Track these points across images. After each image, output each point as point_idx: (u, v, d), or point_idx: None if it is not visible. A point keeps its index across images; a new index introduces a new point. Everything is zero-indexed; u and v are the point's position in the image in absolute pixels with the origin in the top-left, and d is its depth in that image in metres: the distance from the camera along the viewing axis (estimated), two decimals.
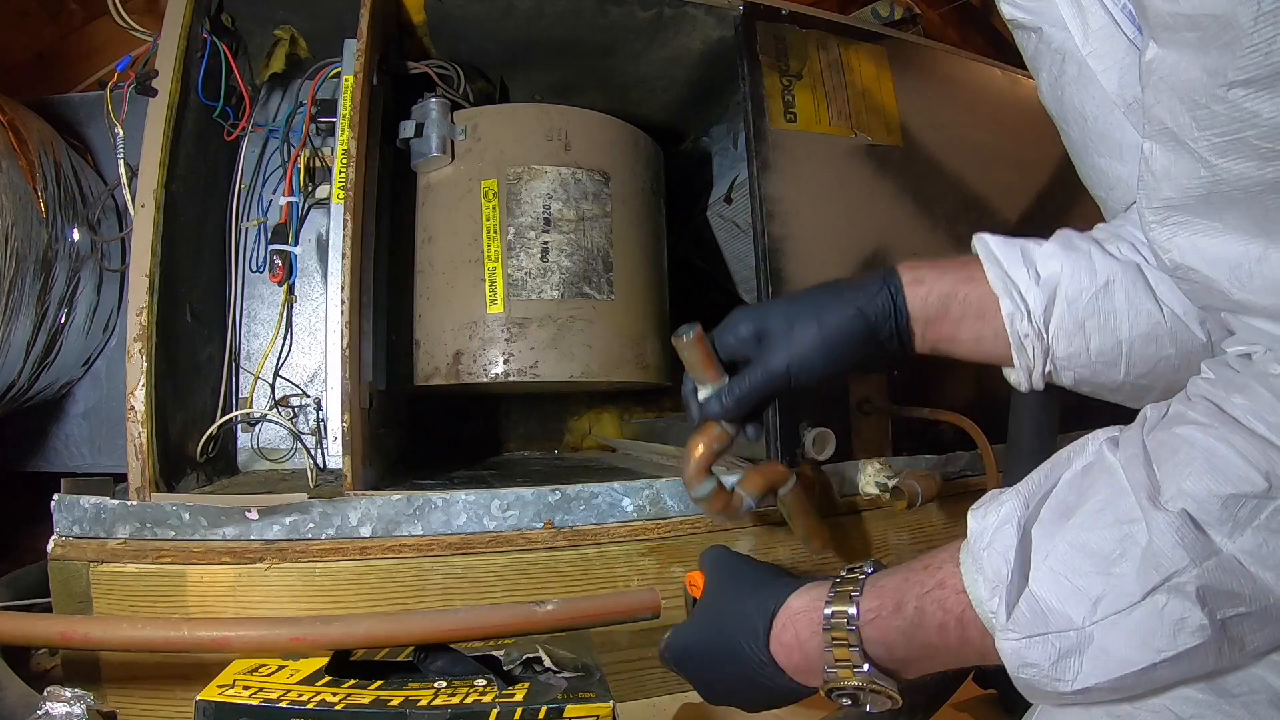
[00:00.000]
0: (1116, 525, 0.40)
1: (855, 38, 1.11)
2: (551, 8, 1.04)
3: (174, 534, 0.75)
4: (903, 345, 0.59)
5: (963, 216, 1.13)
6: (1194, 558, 0.38)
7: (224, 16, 0.98)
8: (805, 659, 0.50)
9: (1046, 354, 0.55)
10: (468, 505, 0.80)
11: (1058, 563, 0.41)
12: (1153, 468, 0.41)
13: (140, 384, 0.79)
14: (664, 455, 1.20)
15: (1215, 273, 0.41)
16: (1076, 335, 0.54)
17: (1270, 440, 0.39)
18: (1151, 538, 0.39)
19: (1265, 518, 0.37)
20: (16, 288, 0.89)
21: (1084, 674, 0.40)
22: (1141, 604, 0.38)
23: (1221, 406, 0.41)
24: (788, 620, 0.51)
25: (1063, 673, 0.40)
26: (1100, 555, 0.40)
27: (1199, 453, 0.40)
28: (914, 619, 0.46)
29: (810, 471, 0.87)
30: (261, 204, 1.10)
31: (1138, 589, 0.39)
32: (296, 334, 1.12)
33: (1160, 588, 0.38)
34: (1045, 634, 0.40)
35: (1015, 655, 0.41)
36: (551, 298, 0.99)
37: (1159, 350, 0.53)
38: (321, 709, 0.51)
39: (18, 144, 0.93)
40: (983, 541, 0.44)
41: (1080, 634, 0.39)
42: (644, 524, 0.84)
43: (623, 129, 1.10)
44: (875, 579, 0.49)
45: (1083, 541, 0.41)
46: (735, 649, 0.52)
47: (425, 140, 1.02)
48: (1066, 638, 0.40)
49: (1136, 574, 0.39)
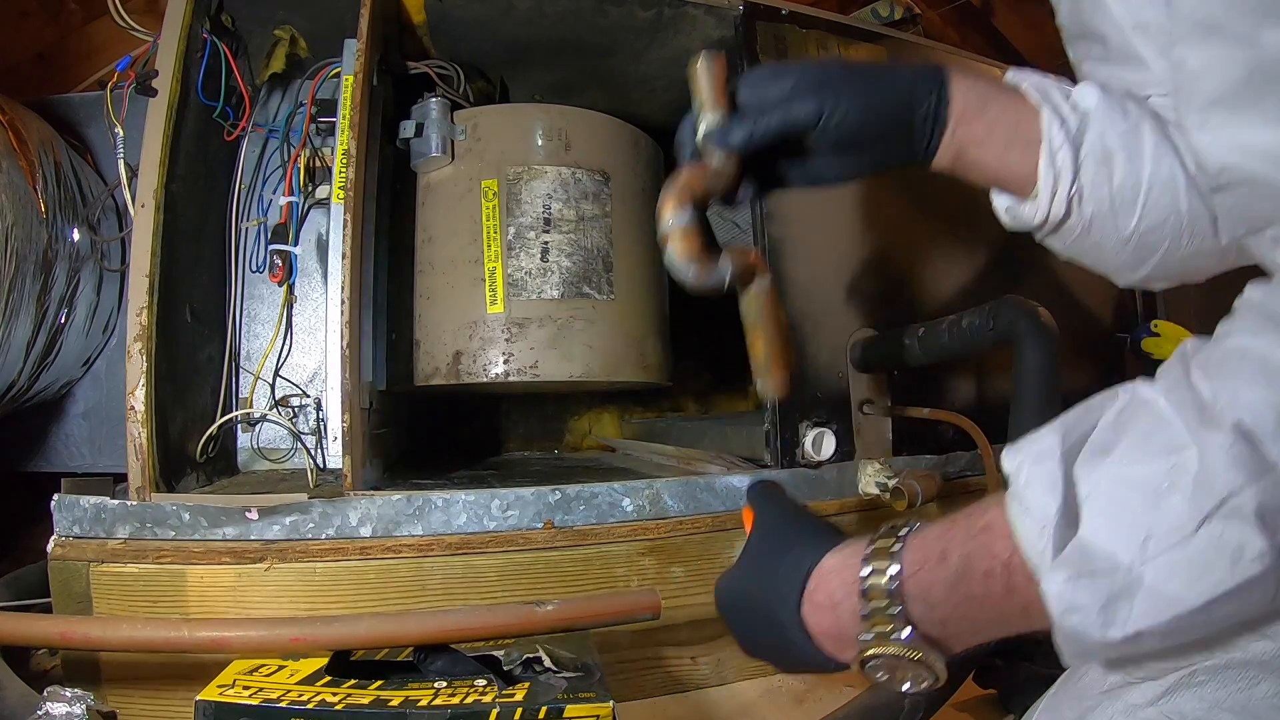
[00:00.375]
0: (1163, 455, 0.37)
1: (855, 38, 1.11)
2: (551, 8, 1.04)
3: (174, 534, 0.75)
4: (933, 133, 0.55)
5: (963, 216, 1.13)
6: (1250, 475, 0.35)
7: (224, 16, 0.98)
8: (838, 623, 0.45)
9: (1075, 174, 0.53)
10: (468, 505, 0.80)
11: (1103, 501, 0.38)
12: (1199, 388, 0.38)
13: (140, 384, 0.79)
14: (664, 455, 1.20)
15: (1263, 166, 0.40)
16: (1103, 165, 0.53)
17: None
18: (1203, 462, 0.36)
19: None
20: (16, 288, 0.90)
21: (1135, 617, 0.37)
22: (1195, 535, 0.35)
23: (1273, 315, 0.39)
24: (820, 580, 0.46)
25: (1112, 616, 0.37)
26: (1148, 489, 0.37)
27: (1251, 361, 0.37)
28: (959, 568, 0.41)
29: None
30: (261, 204, 1.10)
31: (1190, 520, 0.35)
32: (296, 334, 1.12)
33: (1215, 514, 0.35)
34: (1094, 574, 0.37)
35: (1061, 598, 0.38)
36: (551, 298, 0.99)
37: (1173, 203, 0.53)
38: (321, 709, 0.51)
39: (18, 144, 0.93)
40: (1022, 479, 0.40)
41: (1130, 575, 0.36)
42: (644, 524, 0.84)
43: (623, 129, 1.10)
44: (918, 532, 0.44)
45: (1127, 476, 0.38)
46: (767, 607, 0.48)
47: (425, 140, 1.02)
48: (1116, 579, 0.37)
49: (1188, 504, 0.35)
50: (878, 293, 1.03)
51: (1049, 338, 0.71)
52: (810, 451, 0.94)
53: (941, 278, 1.09)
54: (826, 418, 0.97)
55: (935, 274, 1.09)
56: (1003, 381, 1.09)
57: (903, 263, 1.06)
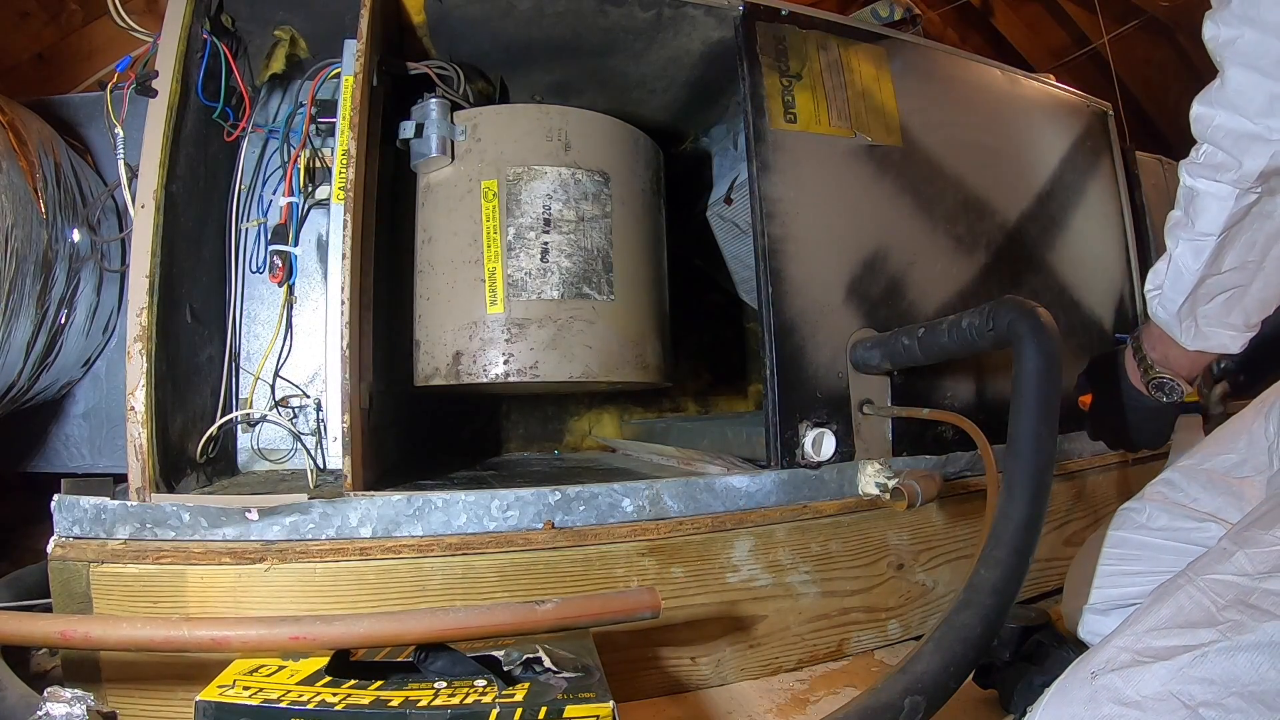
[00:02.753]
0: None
1: (855, 38, 1.11)
2: (551, 8, 1.04)
3: (174, 534, 0.75)
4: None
5: (962, 216, 1.13)
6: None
7: (224, 17, 0.98)
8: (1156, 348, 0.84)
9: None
10: (468, 506, 0.80)
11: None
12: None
13: (140, 384, 0.79)
14: (664, 455, 1.20)
15: None
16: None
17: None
18: None
19: None
20: (16, 288, 0.90)
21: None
22: None
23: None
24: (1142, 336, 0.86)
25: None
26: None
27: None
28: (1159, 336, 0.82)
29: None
30: (261, 204, 1.10)
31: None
32: (296, 334, 1.12)
33: None
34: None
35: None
36: (551, 298, 0.99)
37: None
38: (321, 709, 0.51)
39: (18, 144, 0.93)
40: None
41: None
42: (644, 524, 0.84)
43: (622, 129, 1.10)
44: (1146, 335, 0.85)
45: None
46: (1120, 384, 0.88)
47: (425, 140, 1.02)
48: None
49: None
50: (878, 293, 1.03)
51: (1049, 338, 0.71)
52: (810, 451, 0.94)
53: (941, 278, 1.09)
54: (826, 418, 0.97)
55: (935, 274, 1.09)
56: (1003, 381, 1.09)
57: (903, 263, 1.06)
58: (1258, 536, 0.56)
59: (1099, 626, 0.78)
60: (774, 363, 0.95)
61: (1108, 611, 0.78)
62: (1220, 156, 0.68)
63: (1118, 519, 0.82)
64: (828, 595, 0.93)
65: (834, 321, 0.99)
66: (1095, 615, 0.79)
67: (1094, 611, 0.79)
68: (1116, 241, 1.36)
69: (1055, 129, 1.31)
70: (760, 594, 0.89)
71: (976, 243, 1.14)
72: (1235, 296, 0.74)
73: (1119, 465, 1.23)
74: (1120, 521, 0.81)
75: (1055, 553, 1.12)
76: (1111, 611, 0.78)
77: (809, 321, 0.98)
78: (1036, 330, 0.71)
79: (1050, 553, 1.11)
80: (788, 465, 0.94)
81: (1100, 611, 0.79)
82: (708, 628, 0.87)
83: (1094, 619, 0.79)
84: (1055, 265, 1.23)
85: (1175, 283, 0.75)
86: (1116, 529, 0.81)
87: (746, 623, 0.88)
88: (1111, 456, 1.22)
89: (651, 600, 0.65)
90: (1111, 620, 0.76)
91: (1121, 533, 0.80)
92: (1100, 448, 1.22)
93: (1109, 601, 0.79)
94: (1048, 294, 1.21)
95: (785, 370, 0.95)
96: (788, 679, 0.89)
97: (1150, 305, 0.80)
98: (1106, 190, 1.36)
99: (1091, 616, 0.80)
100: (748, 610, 0.88)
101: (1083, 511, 1.17)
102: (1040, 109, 1.31)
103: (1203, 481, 0.77)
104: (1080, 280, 1.26)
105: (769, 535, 0.89)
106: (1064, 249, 1.25)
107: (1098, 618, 0.79)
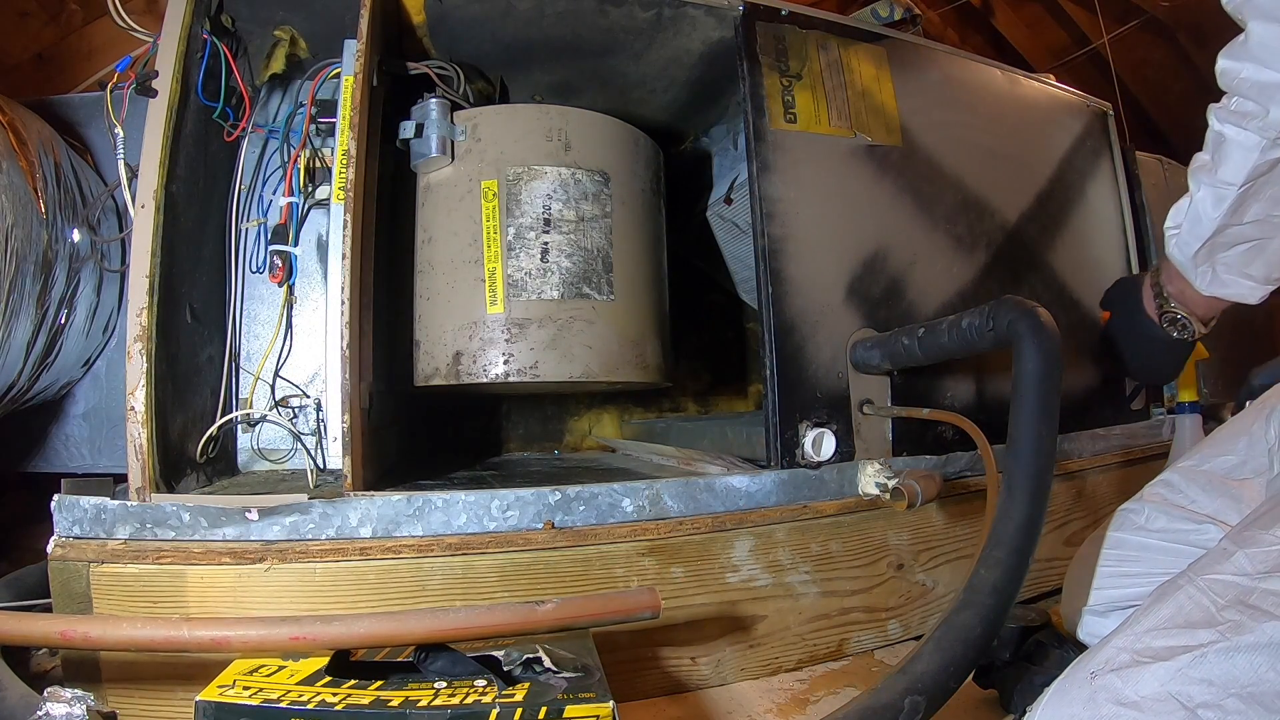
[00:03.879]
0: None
1: (855, 38, 1.11)
2: (551, 8, 1.04)
3: (174, 534, 0.75)
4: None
5: (962, 216, 1.13)
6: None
7: (224, 17, 0.98)
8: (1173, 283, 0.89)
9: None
10: (468, 506, 0.80)
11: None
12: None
13: (140, 384, 0.79)
14: (664, 455, 1.20)
15: None
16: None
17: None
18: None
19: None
20: (16, 288, 0.90)
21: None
22: None
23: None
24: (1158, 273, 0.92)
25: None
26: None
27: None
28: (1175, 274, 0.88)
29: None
30: (261, 204, 1.10)
31: None
32: (296, 334, 1.12)
33: None
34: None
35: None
36: (551, 298, 0.99)
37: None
38: (322, 709, 0.51)
39: (18, 144, 0.93)
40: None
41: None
42: (644, 524, 0.84)
43: (622, 129, 1.10)
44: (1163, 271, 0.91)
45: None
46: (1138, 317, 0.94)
47: (425, 140, 1.02)
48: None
49: None
50: (878, 293, 1.03)
51: (1049, 338, 0.70)
52: (810, 452, 0.94)
53: (941, 278, 1.09)
54: (826, 418, 0.97)
55: (935, 274, 1.09)
56: (1003, 381, 1.09)
57: (903, 263, 1.06)
58: (1258, 536, 0.56)
59: (1098, 628, 0.78)
60: (774, 363, 0.95)
61: (1106, 613, 0.78)
62: (1249, 106, 0.72)
63: (1116, 520, 0.82)
64: (828, 595, 0.93)
65: (834, 321, 0.99)
66: (1094, 617, 0.79)
67: (1093, 613, 0.79)
68: (1116, 241, 1.36)
69: (1055, 129, 1.31)
70: (760, 594, 0.89)
71: (976, 243, 1.14)
72: (1256, 248, 0.77)
73: (1119, 465, 1.23)
74: (1119, 523, 0.81)
75: (1055, 553, 1.12)
76: (1110, 613, 0.78)
77: (809, 321, 0.98)
78: (1036, 330, 0.71)
79: (1050, 553, 1.11)
80: (788, 465, 0.94)
81: (1099, 613, 0.79)
82: (708, 628, 0.87)
83: (1093, 620, 0.79)
84: (1055, 265, 1.23)
85: (1194, 227, 0.78)
86: (1115, 530, 0.81)
87: (746, 623, 0.88)
88: (1112, 456, 1.22)
89: (651, 600, 0.65)
90: (1110, 622, 0.76)
91: (1120, 534, 0.80)
92: (1101, 448, 1.22)
93: (1108, 603, 0.79)
94: (1048, 294, 1.21)
95: (785, 370, 0.95)
96: (788, 679, 0.89)
97: (1167, 244, 0.82)
98: (1106, 190, 1.36)
99: (1090, 618, 0.80)
100: (748, 610, 0.88)
101: (1083, 511, 1.17)
102: (1040, 109, 1.31)
103: (1202, 483, 0.77)
104: (1080, 280, 1.26)
105: (769, 535, 0.89)
106: (1064, 249, 1.25)
107: (1096, 619, 0.79)
